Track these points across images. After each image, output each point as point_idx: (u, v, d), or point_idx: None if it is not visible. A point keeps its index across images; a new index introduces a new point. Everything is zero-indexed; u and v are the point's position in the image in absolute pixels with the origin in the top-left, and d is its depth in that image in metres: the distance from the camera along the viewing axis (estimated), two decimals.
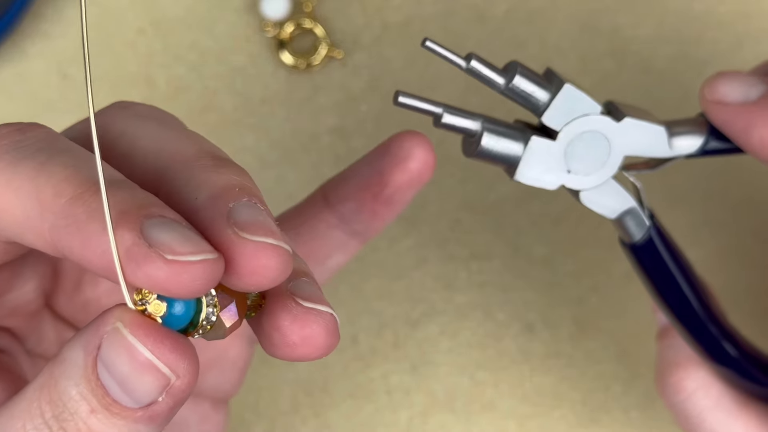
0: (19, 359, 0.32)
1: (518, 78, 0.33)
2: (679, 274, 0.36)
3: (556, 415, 0.48)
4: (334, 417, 0.48)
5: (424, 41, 0.32)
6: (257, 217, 0.25)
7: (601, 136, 0.34)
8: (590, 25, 0.48)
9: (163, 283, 0.23)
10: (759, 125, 0.33)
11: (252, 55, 0.48)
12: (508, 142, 0.33)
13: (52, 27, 0.47)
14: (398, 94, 0.32)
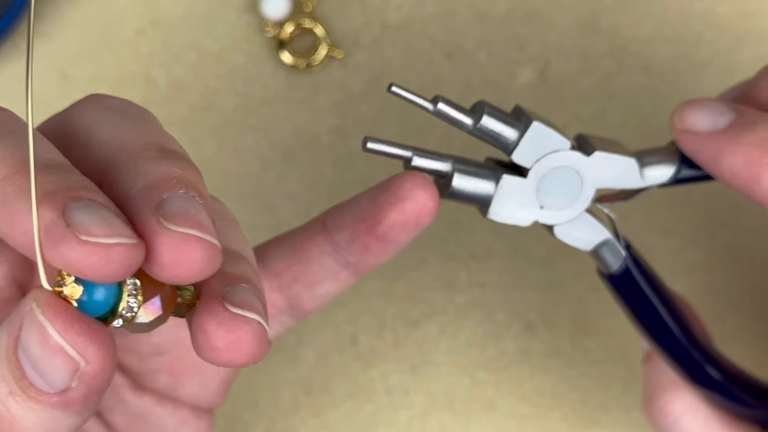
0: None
1: (486, 118, 0.33)
2: (657, 302, 0.36)
3: (555, 415, 0.48)
4: (334, 417, 0.48)
5: (390, 87, 0.32)
6: (188, 209, 0.25)
7: (572, 171, 0.34)
8: (590, 25, 0.48)
9: (76, 264, 0.23)
10: (727, 154, 0.33)
11: (252, 55, 0.48)
12: (480, 182, 0.33)
13: (51, 27, 0.48)
14: (366, 140, 0.32)
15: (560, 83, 0.48)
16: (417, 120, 0.48)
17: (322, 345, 0.48)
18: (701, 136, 0.33)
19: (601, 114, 0.48)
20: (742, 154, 0.32)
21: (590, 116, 0.48)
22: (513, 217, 0.34)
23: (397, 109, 0.48)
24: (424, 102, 0.32)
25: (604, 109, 0.48)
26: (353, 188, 0.48)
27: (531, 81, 0.48)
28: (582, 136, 0.35)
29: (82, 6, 0.48)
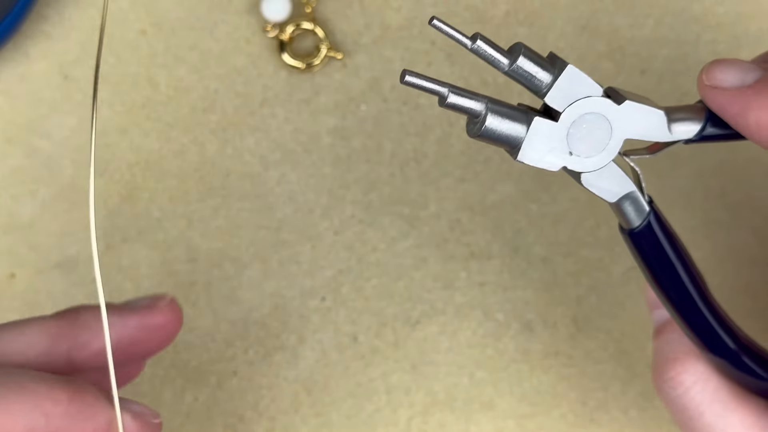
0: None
1: (522, 59, 0.33)
2: (678, 261, 0.36)
3: (555, 415, 0.49)
4: (335, 416, 0.49)
5: (432, 20, 0.32)
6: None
7: (602, 119, 0.34)
8: (589, 26, 0.48)
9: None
10: (754, 108, 0.33)
11: (253, 56, 0.48)
12: (512, 124, 0.33)
13: (53, 29, 0.48)
14: (405, 73, 0.32)
15: None
16: (417, 120, 0.48)
17: (323, 345, 0.48)
18: (729, 91, 0.34)
19: None
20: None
21: None
22: (542, 160, 0.34)
23: (397, 110, 0.48)
24: (463, 38, 0.32)
25: None
26: (353, 188, 0.48)
27: None
28: (612, 88, 0.35)
29: (84, 8, 0.48)
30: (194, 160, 0.48)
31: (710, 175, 0.48)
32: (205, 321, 0.49)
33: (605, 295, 0.49)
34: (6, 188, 0.48)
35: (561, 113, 0.34)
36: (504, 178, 0.48)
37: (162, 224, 0.48)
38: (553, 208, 0.49)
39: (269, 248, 0.48)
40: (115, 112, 0.48)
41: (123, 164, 0.48)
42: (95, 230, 0.49)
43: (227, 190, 0.48)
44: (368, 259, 0.48)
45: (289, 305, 0.49)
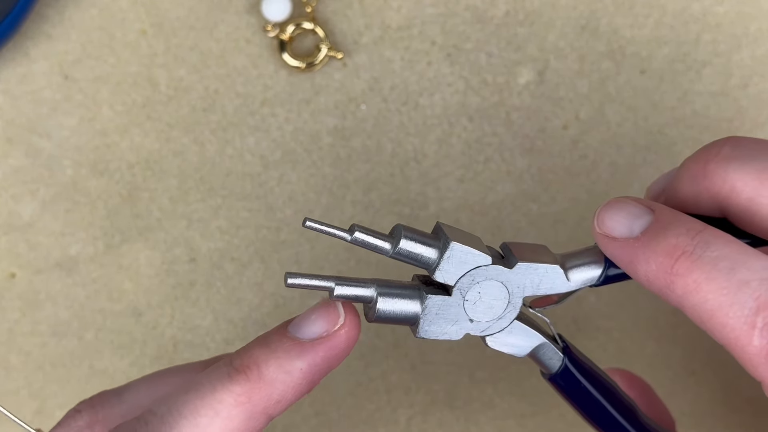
0: None
1: (404, 241, 0.33)
2: (601, 396, 0.36)
3: (554, 414, 0.49)
4: (335, 415, 0.49)
5: (304, 222, 0.32)
6: None
7: (497, 284, 0.34)
8: (589, 26, 0.48)
9: None
10: (641, 262, 0.33)
11: (253, 56, 0.48)
12: (405, 303, 0.34)
13: (54, 29, 0.48)
14: (287, 276, 0.32)
15: (559, 84, 0.48)
16: (417, 120, 0.48)
17: None
18: (618, 242, 0.33)
19: (599, 114, 0.48)
20: (654, 263, 0.32)
21: (589, 117, 0.48)
22: (444, 333, 0.34)
23: (397, 110, 0.48)
24: (341, 232, 0.32)
25: (602, 109, 0.48)
26: (353, 188, 0.48)
27: (530, 81, 0.48)
28: (506, 245, 0.35)
29: (85, 8, 0.48)
30: (194, 160, 0.48)
31: None
32: (205, 321, 0.49)
33: (605, 295, 0.49)
34: (6, 188, 0.48)
35: (453, 287, 0.34)
36: (504, 178, 0.48)
37: (162, 224, 0.48)
38: (553, 208, 0.49)
39: (269, 248, 0.48)
40: (115, 112, 0.48)
41: (123, 164, 0.48)
42: (96, 230, 0.49)
43: (227, 190, 0.48)
44: (368, 259, 0.48)
45: (289, 305, 0.49)
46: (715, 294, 0.31)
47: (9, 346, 0.49)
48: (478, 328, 0.34)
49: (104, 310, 0.49)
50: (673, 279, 0.32)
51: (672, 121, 0.48)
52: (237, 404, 0.33)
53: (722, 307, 0.31)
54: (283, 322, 0.34)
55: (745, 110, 0.48)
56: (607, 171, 0.49)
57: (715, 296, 0.31)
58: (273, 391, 0.33)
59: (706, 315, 0.31)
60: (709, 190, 0.34)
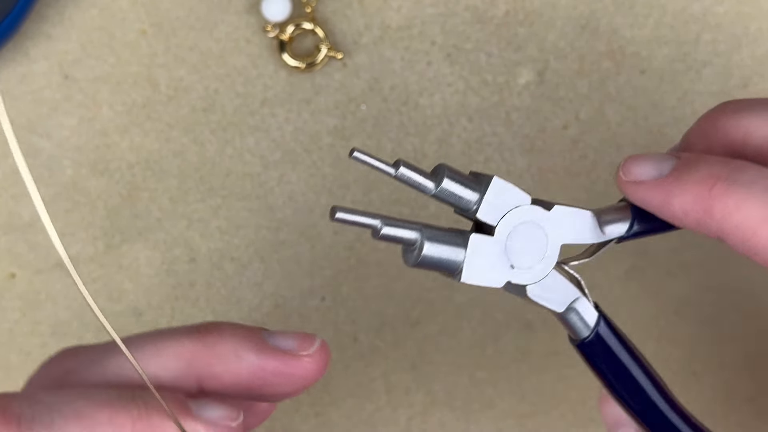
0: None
1: (447, 181, 0.33)
2: (634, 366, 0.36)
3: (554, 414, 0.49)
4: (335, 416, 0.49)
5: (352, 152, 0.32)
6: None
7: (536, 227, 0.34)
8: (589, 26, 0.48)
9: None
10: (677, 195, 0.33)
11: (253, 56, 0.48)
12: (449, 248, 0.33)
13: (54, 29, 0.48)
14: (334, 210, 0.32)
15: (559, 84, 0.48)
16: (417, 120, 0.48)
17: None
18: (649, 184, 0.34)
19: (599, 114, 0.48)
20: (690, 192, 0.33)
21: (589, 117, 0.48)
22: (486, 278, 0.34)
23: (397, 111, 0.48)
24: (386, 167, 0.32)
25: (602, 109, 0.48)
26: (353, 188, 0.48)
27: (530, 81, 0.48)
28: (537, 199, 0.35)
29: (84, 8, 0.48)
30: (194, 160, 0.48)
31: None
32: (205, 321, 0.49)
33: (604, 295, 0.49)
34: (6, 188, 0.48)
35: (495, 227, 0.34)
36: (504, 178, 0.48)
37: (162, 224, 0.48)
38: None
39: (269, 248, 0.48)
40: (115, 112, 0.48)
41: (123, 164, 0.48)
42: (96, 230, 0.49)
43: (227, 190, 0.48)
44: (368, 259, 0.48)
45: (289, 305, 0.49)
46: (758, 209, 0.31)
47: (9, 346, 0.49)
48: (519, 275, 0.34)
49: (104, 310, 0.49)
50: (711, 203, 0.32)
51: (672, 121, 0.48)
52: (182, 358, 0.34)
53: (767, 221, 0.31)
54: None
55: None
56: (607, 171, 0.49)
57: (758, 211, 0.31)
58: (216, 362, 0.33)
59: (749, 232, 0.31)
60: (723, 141, 0.34)
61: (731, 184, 0.32)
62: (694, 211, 0.33)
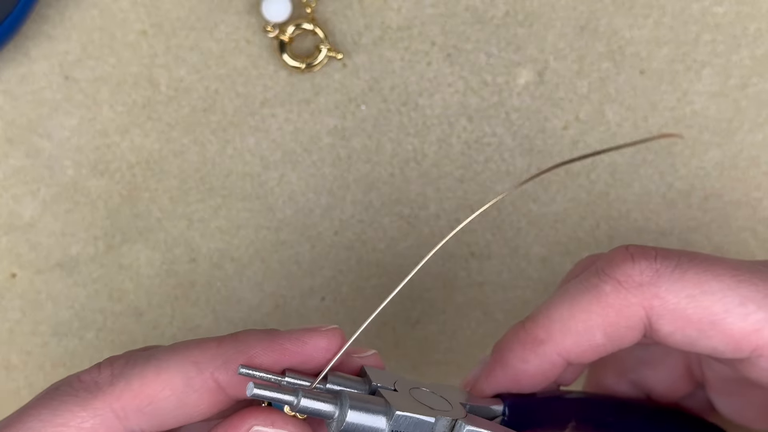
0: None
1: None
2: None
3: None
4: None
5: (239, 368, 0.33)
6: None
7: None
8: (588, 26, 0.48)
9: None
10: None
11: (253, 56, 0.48)
12: (371, 416, 0.33)
13: (55, 29, 0.48)
14: (251, 388, 0.32)
15: (558, 84, 0.48)
16: (417, 120, 0.48)
17: None
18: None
19: (599, 115, 0.48)
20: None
21: (589, 117, 0.48)
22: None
23: (397, 111, 0.48)
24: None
25: (602, 110, 0.48)
26: (353, 188, 0.48)
27: (530, 82, 0.48)
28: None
29: (85, 8, 0.48)
30: (195, 160, 0.48)
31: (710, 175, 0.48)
32: (205, 321, 0.49)
33: None
34: (7, 188, 0.48)
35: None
36: (504, 178, 0.48)
37: (162, 224, 0.48)
38: (553, 208, 0.49)
39: (269, 248, 0.48)
40: (115, 112, 0.48)
41: (123, 164, 0.48)
42: (96, 230, 0.49)
43: (228, 191, 0.48)
44: (368, 259, 0.48)
45: (289, 305, 0.49)
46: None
47: (10, 346, 0.49)
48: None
49: (105, 310, 0.49)
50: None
51: (672, 121, 0.48)
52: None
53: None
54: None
55: (745, 110, 0.48)
56: (607, 171, 0.49)
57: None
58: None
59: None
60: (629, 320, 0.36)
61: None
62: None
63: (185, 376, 0.33)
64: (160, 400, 0.33)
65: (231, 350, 0.33)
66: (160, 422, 0.33)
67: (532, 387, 0.37)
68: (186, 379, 0.33)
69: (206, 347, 0.33)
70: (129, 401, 0.33)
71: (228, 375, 0.33)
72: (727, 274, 0.35)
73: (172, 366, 0.33)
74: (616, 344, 0.36)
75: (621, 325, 0.35)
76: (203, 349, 0.33)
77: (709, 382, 0.40)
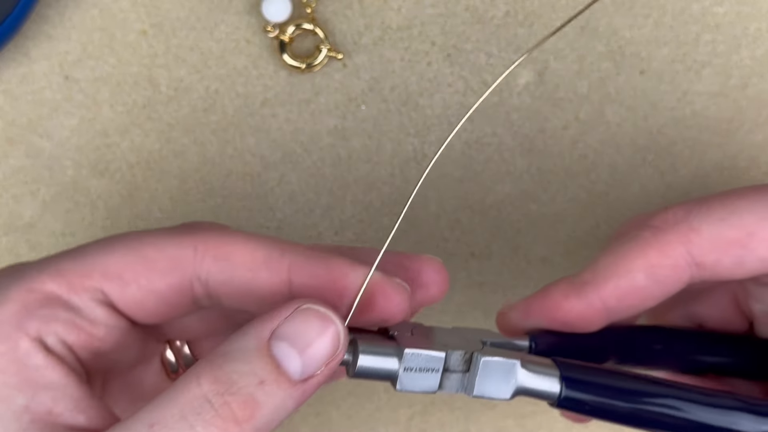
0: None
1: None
2: (620, 400, 0.35)
3: (554, 414, 0.49)
4: (335, 415, 0.49)
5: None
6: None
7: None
8: (588, 26, 0.48)
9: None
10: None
11: (253, 56, 0.48)
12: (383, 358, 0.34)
13: (55, 29, 0.48)
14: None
15: (559, 84, 0.48)
16: (417, 120, 0.48)
17: None
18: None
19: (599, 115, 0.48)
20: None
21: (589, 117, 0.48)
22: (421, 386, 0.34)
23: (398, 111, 0.48)
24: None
25: (602, 110, 0.48)
26: (353, 188, 0.48)
27: (530, 82, 0.48)
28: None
29: (85, 8, 0.48)
30: (195, 160, 0.48)
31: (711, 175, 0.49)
32: None
33: None
34: (7, 188, 0.48)
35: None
36: (504, 178, 0.48)
37: (163, 224, 0.48)
38: (553, 208, 0.49)
39: None
40: (115, 112, 0.48)
41: (124, 164, 0.48)
42: (96, 230, 0.49)
43: (228, 191, 0.48)
44: None
45: None
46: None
47: None
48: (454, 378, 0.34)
49: None
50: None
51: (671, 122, 0.48)
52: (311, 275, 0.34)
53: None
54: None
55: (745, 110, 0.48)
56: (607, 171, 0.49)
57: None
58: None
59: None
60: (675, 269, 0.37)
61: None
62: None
63: (268, 253, 0.33)
64: (237, 262, 0.33)
65: (316, 258, 0.33)
66: (226, 286, 0.33)
67: (565, 328, 0.37)
68: (267, 256, 0.33)
69: (295, 244, 0.34)
70: (211, 247, 0.33)
71: (302, 275, 0.33)
72: (748, 193, 0.37)
73: (260, 241, 0.33)
74: (662, 288, 0.36)
75: (663, 264, 0.36)
76: (292, 243, 0.34)
77: (757, 318, 0.40)
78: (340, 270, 0.33)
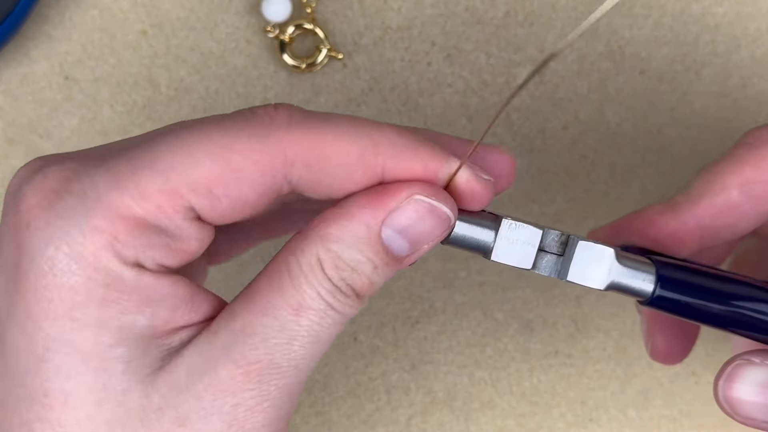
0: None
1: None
2: (714, 297, 0.34)
3: (554, 414, 0.49)
4: (335, 415, 0.49)
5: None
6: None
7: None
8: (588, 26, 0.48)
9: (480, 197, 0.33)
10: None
11: (253, 56, 0.48)
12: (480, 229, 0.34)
13: (55, 30, 0.48)
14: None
15: (559, 84, 0.48)
16: (417, 120, 0.48)
17: None
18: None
19: (599, 115, 0.48)
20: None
21: (588, 117, 0.48)
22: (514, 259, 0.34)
23: (398, 111, 0.48)
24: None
25: (602, 110, 0.48)
26: None
27: (529, 82, 0.48)
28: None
29: (85, 9, 0.48)
30: None
31: None
32: None
33: (604, 295, 0.49)
34: (7, 188, 0.48)
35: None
36: None
37: None
38: (553, 208, 0.49)
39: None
40: (116, 112, 0.48)
41: None
42: None
43: None
44: None
45: None
46: None
47: None
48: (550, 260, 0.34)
49: None
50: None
51: (671, 122, 0.48)
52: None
53: None
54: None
55: (745, 110, 0.48)
56: (607, 171, 0.49)
57: None
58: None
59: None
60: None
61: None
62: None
63: (361, 151, 0.32)
64: (330, 165, 0.32)
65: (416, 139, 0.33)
66: (315, 185, 0.32)
67: (657, 247, 0.36)
68: (361, 154, 0.32)
69: (386, 132, 0.32)
70: (302, 152, 0.32)
71: (396, 171, 0.32)
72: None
73: (354, 136, 0.32)
74: (757, 206, 0.36)
75: (758, 180, 0.35)
76: (384, 132, 0.32)
77: None
78: (434, 165, 0.33)
